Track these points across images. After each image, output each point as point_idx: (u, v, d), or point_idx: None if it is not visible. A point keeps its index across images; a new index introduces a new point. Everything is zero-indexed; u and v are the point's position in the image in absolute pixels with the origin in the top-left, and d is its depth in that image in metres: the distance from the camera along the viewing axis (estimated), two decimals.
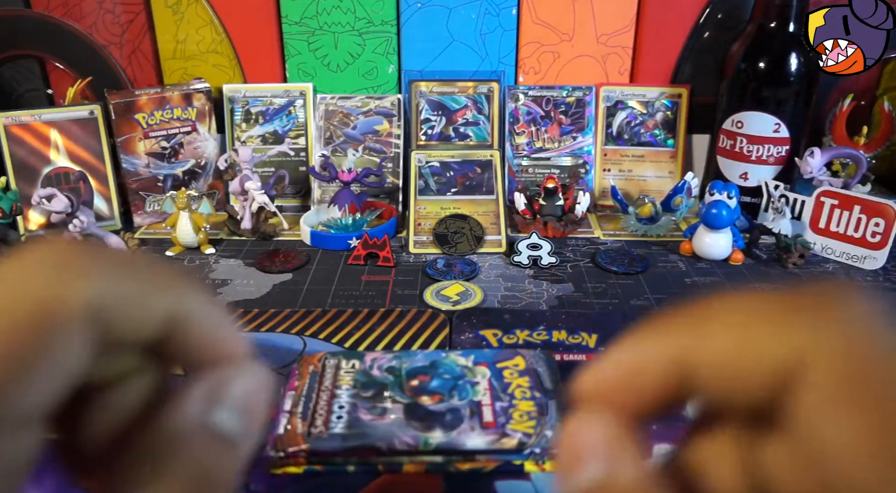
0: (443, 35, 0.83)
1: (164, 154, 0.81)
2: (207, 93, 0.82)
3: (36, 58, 0.86)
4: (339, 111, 0.84)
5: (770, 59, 0.75)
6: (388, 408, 0.43)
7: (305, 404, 0.44)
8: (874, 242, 0.68)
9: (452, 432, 0.41)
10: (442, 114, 0.84)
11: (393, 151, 0.83)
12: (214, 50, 0.85)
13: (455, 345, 0.54)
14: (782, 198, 0.74)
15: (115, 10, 0.83)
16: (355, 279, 0.66)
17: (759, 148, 0.77)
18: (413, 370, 0.47)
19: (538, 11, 0.82)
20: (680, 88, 0.84)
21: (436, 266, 0.68)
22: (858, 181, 0.74)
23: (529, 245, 0.70)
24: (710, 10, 0.82)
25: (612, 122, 0.85)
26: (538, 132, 0.84)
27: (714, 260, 0.70)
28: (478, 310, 0.59)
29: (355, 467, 0.41)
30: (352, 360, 0.49)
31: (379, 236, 0.70)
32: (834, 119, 0.80)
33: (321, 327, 0.57)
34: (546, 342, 0.54)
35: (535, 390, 0.45)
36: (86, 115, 0.78)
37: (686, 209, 0.77)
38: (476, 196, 0.79)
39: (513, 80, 0.85)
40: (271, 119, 0.84)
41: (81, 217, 0.73)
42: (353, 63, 0.84)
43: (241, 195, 0.77)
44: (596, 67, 0.84)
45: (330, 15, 0.82)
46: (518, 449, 0.40)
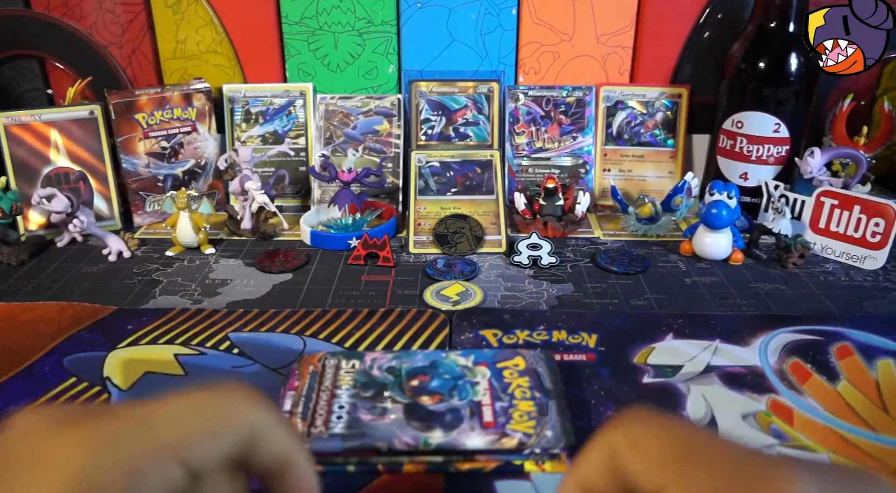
0: (443, 35, 0.83)
1: (164, 154, 0.81)
2: (207, 93, 0.82)
3: (36, 58, 0.86)
4: (339, 111, 0.84)
5: (770, 59, 0.75)
6: (388, 408, 0.43)
7: (305, 405, 0.44)
8: (874, 242, 0.68)
9: (452, 432, 0.41)
10: (442, 114, 0.84)
11: (393, 151, 0.83)
12: (214, 50, 0.85)
13: (455, 345, 0.54)
14: (782, 198, 0.74)
15: (115, 10, 0.83)
16: (355, 279, 0.66)
17: (759, 148, 0.77)
18: (413, 370, 0.47)
19: (538, 11, 0.82)
20: (680, 88, 0.84)
21: (436, 266, 0.68)
22: (858, 181, 0.74)
23: (529, 245, 0.70)
24: (710, 10, 0.82)
25: (612, 122, 0.85)
26: (538, 132, 0.84)
27: (714, 260, 0.70)
28: (478, 310, 0.59)
29: (355, 467, 0.41)
30: (352, 360, 0.49)
31: (379, 236, 0.70)
32: (834, 119, 0.80)
33: (321, 327, 0.57)
34: (546, 342, 0.54)
35: (535, 390, 0.45)
36: (86, 115, 0.78)
37: (686, 209, 0.77)
38: (476, 196, 0.79)
39: (513, 81, 0.85)
40: (271, 119, 0.84)
41: (81, 217, 0.73)
42: (353, 63, 0.84)
43: (241, 195, 0.77)
44: (596, 67, 0.84)
45: (330, 15, 0.82)
46: (518, 449, 0.40)
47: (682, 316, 0.58)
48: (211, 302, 0.62)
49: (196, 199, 0.77)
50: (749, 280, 0.66)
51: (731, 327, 0.56)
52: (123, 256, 0.72)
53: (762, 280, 0.66)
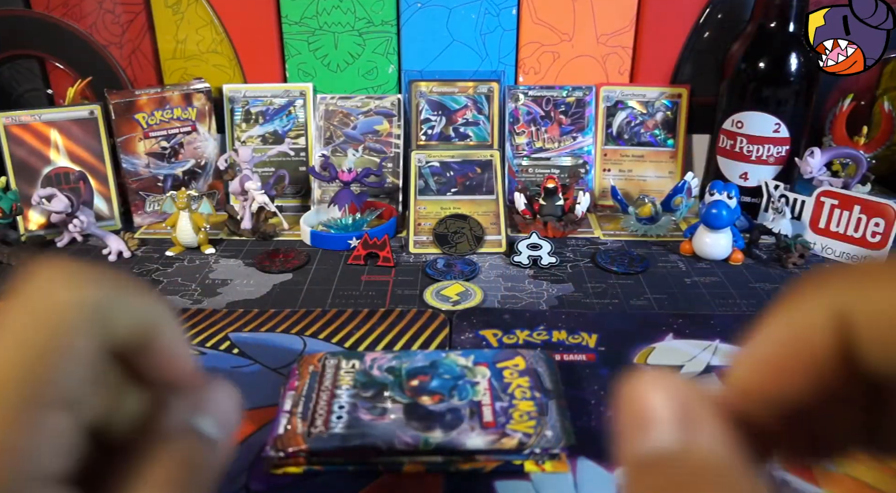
0: (443, 35, 0.83)
1: (164, 154, 0.81)
2: (207, 93, 0.82)
3: (36, 58, 0.86)
4: (339, 111, 0.84)
5: (770, 59, 0.75)
6: (388, 408, 0.43)
7: (305, 405, 0.44)
8: (874, 242, 0.68)
9: (452, 432, 0.41)
10: (442, 114, 0.84)
11: (393, 151, 0.83)
12: (214, 50, 0.85)
13: (455, 345, 0.54)
14: (782, 198, 0.74)
15: (115, 10, 0.83)
16: (355, 279, 0.66)
17: (759, 148, 0.77)
18: (413, 370, 0.47)
19: (538, 11, 0.82)
20: (680, 88, 0.84)
21: (436, 266, 0.68)
22: (858, 181, 0.74)
23: (529, 245, 0.70)
24: (710, 10, 0.82)
25: (612, 122, 0.85)
26: (538, 132, 0.84)
27: (714, 260, 0.70)
28: (478, 310, 0.59)
29: (355, 467, 0.41)
30: (352, 360, 0.49)
31: (379, 236, 0.70)
32: (834, 119, 0.80)
33: (321, 327, 0.57)
34: (546, 342, 0.54)
35: (535, 390, 0.45)
36: (86, 115, 0.78)
37: (686, 209, 0.77)
38: (476, 196, 0.79)
39: (513, 81, 0.85)
40: (271, 119, 0.84)
41: (81, 217, 0.73)
42: (353, 63, 0.84)
43: (241, 195, 0.77)
44: (596, 67, 0.84)
45: (330, 15, 0.82)
46: (518, 449, 0.40)
47: (682, 316, 0.58)
48: (211, 302, 0.62)
49: (196, 199, 0.77)
50: (749, 280, 0.66)
51: (731, 327, 0.56)
52: (123, 256, 0.72)
53: (762, 280, 0.66)
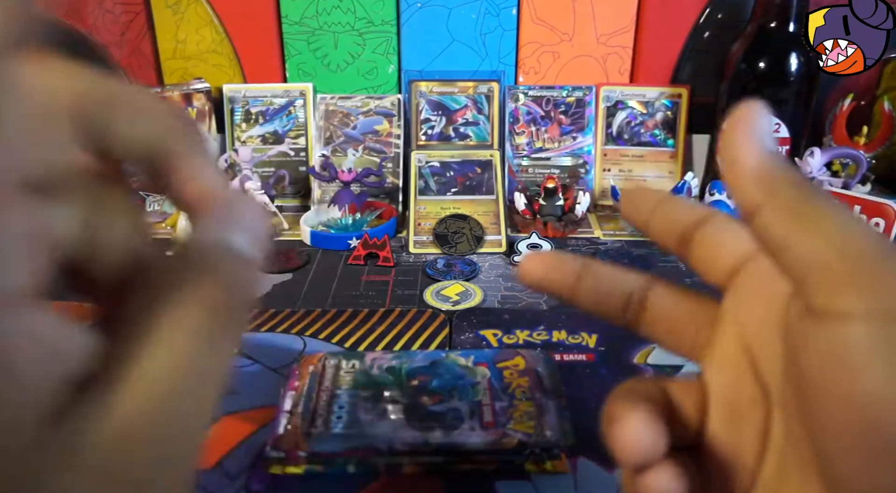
0: (443, 35, 0.83)
1: None
2: (207, 93, 0.82)
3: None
4: (339, 111, 0.84)
5: (770, 59, 0.75)
6: (388, 408, 0.43)
7: (305, 405, 0.44)
8: None
9: (452, 432, 0.41)
10: (442, 114, 0.84)
11: (393, 151, 0.83)
12: (214, 50, 0.85)
13: (455, 345, 0.54)
14: None
15: (115, 10, 0.83)
16: (355, 279, 0.66)
17: None
18: (413, 370, 0.47)
19: (538, 11, 0.82)
20: (680, 88, 0.84)
21: (436, 266, 0.68)
22: (858, 181, 0.74)
23: (529, 245, 0.70)
24: (710, 10, 0.82)
25: (612, 122, 0.85)
26: (538, 132, 0.84)
27: None
28: (478, 310, 0.59)
29: (355, 467, 0.41)
30: (352, 360, 0.49)
31: (379, 236, 0.70)
32: (834, 119, 0.80)
33: (321, 327, 0.57)
34: (546, 342, 0.54)
35: (535, 390, 0.45)
36: None
37: None
38: (476, 196, 0.79)
39: (513, 81, 0.85)
40: (271, 119, 0.84)
41: None
42: (353, 63, 0.84)
43: None
44: (596, 67, 0.84)
45: (330, 15, 0.82)
46: (518, 449, 0.40)
47: None
48: None
49: None
50: None
51: None
52: None
53: None
